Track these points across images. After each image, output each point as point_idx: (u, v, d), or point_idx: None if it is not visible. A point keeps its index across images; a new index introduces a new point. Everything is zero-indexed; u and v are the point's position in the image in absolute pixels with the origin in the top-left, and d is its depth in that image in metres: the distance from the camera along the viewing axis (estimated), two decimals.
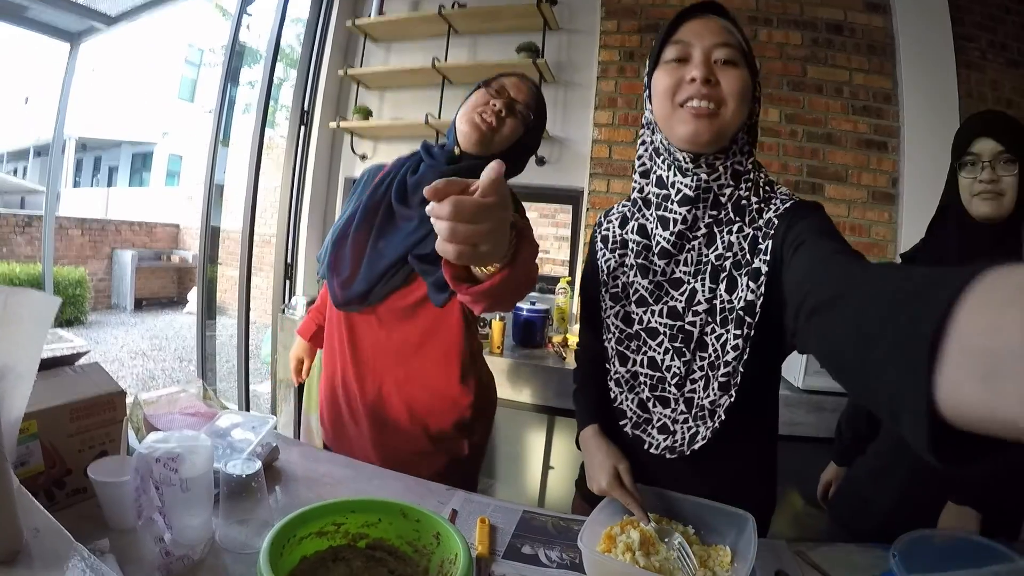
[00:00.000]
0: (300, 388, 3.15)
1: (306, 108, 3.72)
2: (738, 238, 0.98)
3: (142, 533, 0.83)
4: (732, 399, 0.97)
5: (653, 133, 1.03)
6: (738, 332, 0.95)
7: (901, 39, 3.00)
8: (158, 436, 0.85)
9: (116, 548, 0.83)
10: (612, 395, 1.11)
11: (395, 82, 3.63)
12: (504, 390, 1.55)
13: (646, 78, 1.03)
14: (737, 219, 0.99)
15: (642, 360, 1.06)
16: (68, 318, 7.47)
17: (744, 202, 0.98)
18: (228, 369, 4.40)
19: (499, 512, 1.09)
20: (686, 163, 0.97)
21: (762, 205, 0.98)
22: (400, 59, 3.62)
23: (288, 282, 3.72)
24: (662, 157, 1.01)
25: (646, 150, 1.05)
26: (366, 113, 3.57)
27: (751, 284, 0.94)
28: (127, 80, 13.00)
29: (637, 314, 1.06)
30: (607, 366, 1.12)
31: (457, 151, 1.37)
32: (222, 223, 3.92)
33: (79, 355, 1.08)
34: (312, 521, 0.80)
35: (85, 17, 4.28)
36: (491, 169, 0.71)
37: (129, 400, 1.08)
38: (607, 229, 1.16)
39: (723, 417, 0.98)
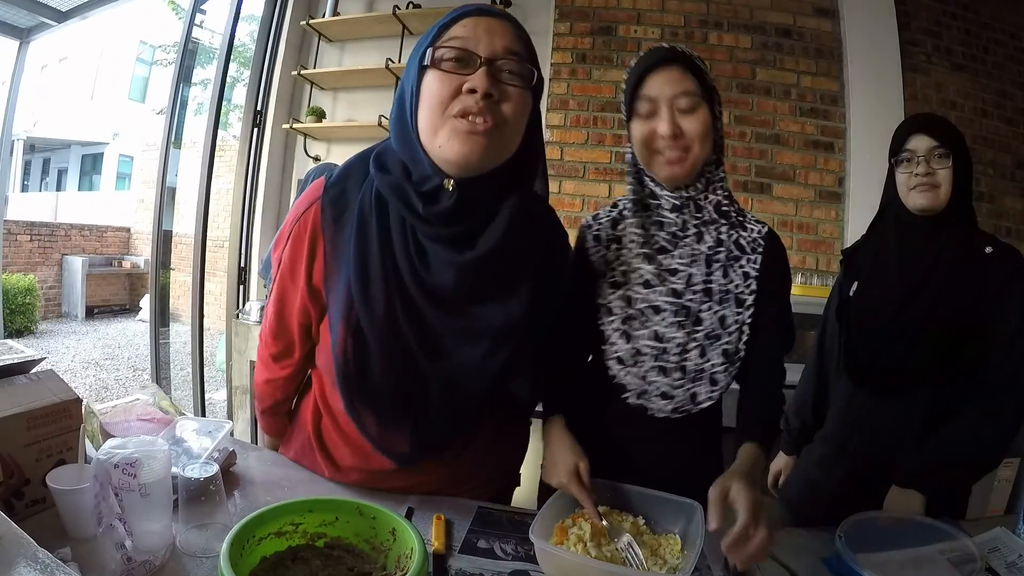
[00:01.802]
0: None
1: (259, 109, 3.67)
2: (726, 237, 1.14)
3: (103, 541, 0.82)
4: (735, 368, 1.13)
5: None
6: (739, 310, 1.12)
7: (848, 43, 3.09)
8: (116, 442, 0.84)
9: (78, 557, 0.82)
10: (611, 373, 1.18)
11: (349, 82, 3.61)
12: None
13: (625, 119, 1.17)
14: (721, 220, 1.15)
15: (647, 334, 1.15)
16: (18, 328, 7.11)
17: (724, 208, 1.15)
18: (183, 377, 4.31)
19: (455, 509, 1.10)
20: (667, 190, 1.14)
21: (739, 216, 1.17)
22: (354, 59, 3.60)
23: (242, 287, 3.66)
24: (648, 177, 1.16)
25: (633, 168, 1.19)
26: (319, 114, 3.54)
27: (742, 281, 1.13)
28: (77, 78, 12.55)
29: (641, 294, 1.16)
30: (603, 347, 1.19)
31: (449, 185, 0.92)
32: (174, 227, 3.84)
33: (33, 362, 1.05)
34: (270, 521, 0.81)
35: (35, 13, 4.14)
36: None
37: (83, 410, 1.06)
38: (598, 230, 1.25)
39: (722, 382, 1.13)
